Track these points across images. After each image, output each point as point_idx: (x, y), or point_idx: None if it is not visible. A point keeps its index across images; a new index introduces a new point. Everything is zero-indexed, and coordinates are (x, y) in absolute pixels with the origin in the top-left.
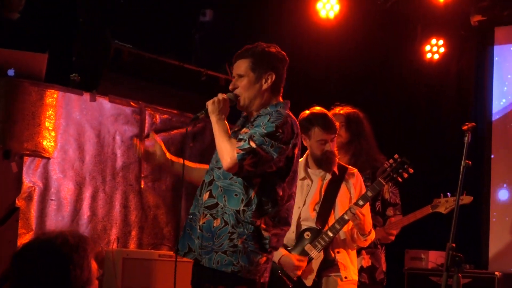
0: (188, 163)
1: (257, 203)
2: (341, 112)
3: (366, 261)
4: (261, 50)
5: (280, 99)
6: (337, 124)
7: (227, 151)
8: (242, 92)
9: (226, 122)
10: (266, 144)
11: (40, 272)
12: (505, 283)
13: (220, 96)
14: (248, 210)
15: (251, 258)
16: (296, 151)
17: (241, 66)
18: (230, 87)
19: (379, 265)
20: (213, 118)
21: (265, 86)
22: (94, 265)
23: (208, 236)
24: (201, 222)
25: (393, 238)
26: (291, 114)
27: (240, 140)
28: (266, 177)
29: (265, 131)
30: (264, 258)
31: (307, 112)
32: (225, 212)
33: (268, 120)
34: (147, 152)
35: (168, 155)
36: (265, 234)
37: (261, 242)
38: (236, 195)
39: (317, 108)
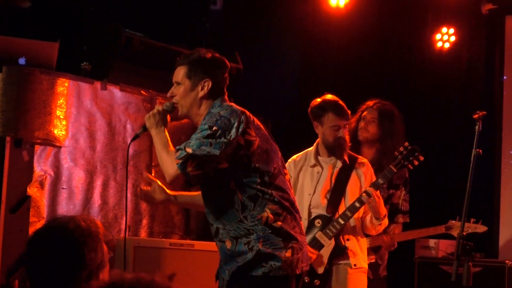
0: (190, 193)
1: (250, 203)
2: (374, 106)
3: (371, 258)
4: (197, 57)
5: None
6: (349, 112)
7: (167, 164)
8: (179, 100)
9: (167, 133)
10: (204, 145)
11: (56, 257)
12: None
13: (156, 109)
14: (248, 213)
15: (277, 255)
16: (252, 134)
17: (179, 74)
18: (168, 94)
19: (382, 262)
20: (152, 133)
21: (201, 93)
22: (105, 247)
23: (229, 259)
24: (222, 258)
25: (394, 248)
26: (230, 104)
27: (177, 150)
28: (235, 177)
29: (200, 135)
30: (290, 250)
31: (319, 99)
32: (229, 230)
33: (201, 125)
34: (146, 194)
35: (168, 191)
36: (277, 224)
37: (280, 234)
38: (228, 209)
39: (329, 96)
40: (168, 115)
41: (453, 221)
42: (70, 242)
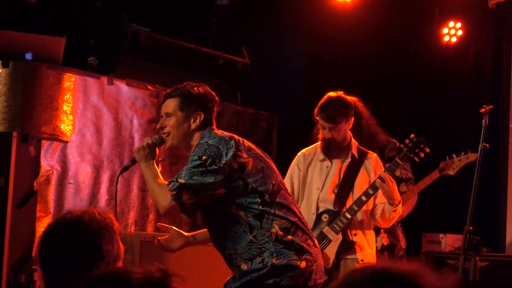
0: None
1: (256, 222)
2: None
3: (385, 239)
4: (189, 90)
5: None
6: (346, 112)
7: (160, 197)
8: (170, 131)
9: (156, 166)
10: (195, 175)
11: (73, 250)
12: None
13: (145, 142)
14: (257, 233)
15: (291, 265)
16: (244, 155)
17: (170, 105)
18: (158, 126)
19: (397, 242)
20: (142, 166)
21: (193, 125)
22: (119, 239)
23: (247, 279)
24: (237, 275)
25: (403, 213)
26: (217, 132)
27: (170, 182)
28: (235, 201)
29: (191, 165)
30: (304, 262)
31: (325, 96)
32: (242, 253)
33: (191, 157)
34: (164, 244)
35: (185, 233)
36: (288, 239)
37: (291, 249)
38: (236, 233)
39: (329, 94)
40: (157, 148)
41: (444, 162)
42: (88, 234)
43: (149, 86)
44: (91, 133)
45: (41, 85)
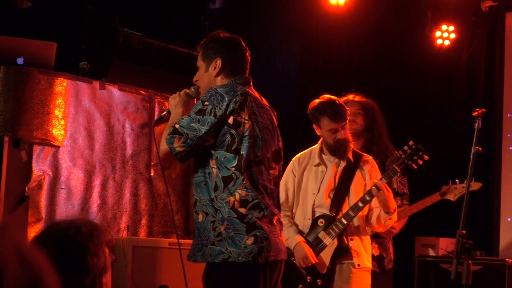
0: None
1: (222, 184)
2: (356, 99)
3: (375, 250)
4: (208, 39)
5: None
6: (349, 110)
7: (162, 140)
8: (198, 82)
9: (182, 115)
10: (193, 122)
11: (57, 263)
12: None
13: (182, 92)
14: (218, 195)
15: (237, 241)
16: (244, 116)
17: (198, 59)
18: (194, 80)
19: (386, 254)
20: (172, 112)
21: (214, 72)
22: (106, 251)
23: (196, 233)
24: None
25: (394, 230)
26: (237, 83)
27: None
28: (216, 154)
29: (193, 110)
30: (252, 238)
31: (317, 101)
32: (203, 204)
33: (199, 100)
34: None
35: None
36: (243, 211)
37: (243, 221)
38: (205, 184)
39: (326, 96)
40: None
41: (447, 186)
42: (72, 248)
43: (141, 91)
44: (83, 137)
45: (33, 90)
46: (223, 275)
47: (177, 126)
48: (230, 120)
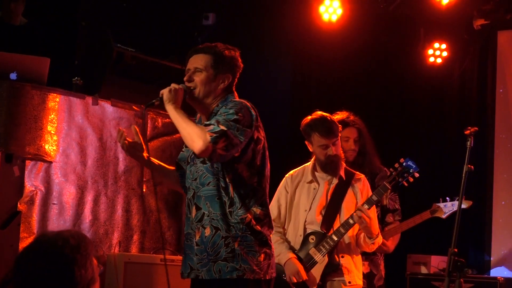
0: (165, 165)
1: (239, 200)
2: (356, 126)
3: (365, 268)
4: (223, 51)
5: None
6: (340, 127)
7: (198, 134)
8: (197, 86)
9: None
10: (232, 128)
11: (45, 275)
12: None
13: (176, 86)
14: (234, 210)
15: (251, 258)
16: (262, 133)
17: (201, 60)
18: (185, 78)
19: (377, 271)
20: (170, 106)
21: (221, 86)
22: (95, 261)
23: (202, 248)
24: (196, 239)
25: (386, 248)
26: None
27: (208, 125)
28: (236, 169)
29: (226, 117)
30: (263, 255)
31: (309, 117)
32: (212, 219)
33: (225, 108)
34: (129, 145)
35: (145, 151)
36: (258, 228)
37: (257, 238)
38: (218, 198)
39: (318, 113)
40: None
41: (437, 204)
42: (59, 260)
43: (134, 106)
44: (75, 153)
45: (26, 105)
46: None
47: (223, 127)
48: (255, 136)
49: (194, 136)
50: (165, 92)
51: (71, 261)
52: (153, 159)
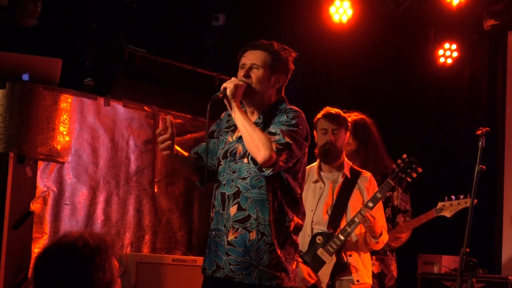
0: (186, 153)
1: (286, 208)
2: (348, 119)
3: (376, 267)
4: (282, 50)
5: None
6: (350, 124)
7: (264, 144)
8: (254, 82)
9: None
10: (295, 141)
11: (63, 276)
12: None
13: (238, 81)
14: (282, 216)
15: (288, 266)
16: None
17: (259, 57)
18: (243, 73)
19: (388, 271)
20: (234, 104)
21: (276, 86)
22: (115, 264)
23: (243, 251)
24: (230, 238)
25: (400, 242)
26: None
27: (273, 134)
28: (285, 178)
29: (289, 128)
30: (295, 263)
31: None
32: (260, 223)
33: (287, 117)
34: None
35: (177, 147)
36: (295, 238)
37: (292, 246)
38: (268, 204)
39: (329, 108)
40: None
41: (442, 202)
42: (77, 261)
43: (145, 107)
44: (87, 154)
45: (38, 106)
46: None
47: (288, 140)
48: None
49: (260, 145)
50: (229, 87)
51: (89, 263)
52: (177, 148)
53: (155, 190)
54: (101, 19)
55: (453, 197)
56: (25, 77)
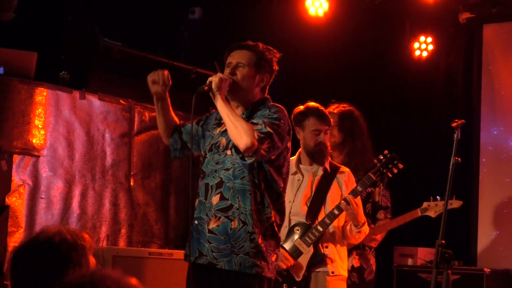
0: (173, 116)
1: (268, 199)
2: (335, 111)
3: (356, 262)
4: (267, 51)
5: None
6: (332, 120)
7: (246, 132)
8: (239, 80)
9: None
10: (276, 132)
11: (40, 271)
12: (494, 279)
13: (224, 76)
14: (264, 207)
15: (268, 256)
16: (289, 143)
17: (245, 56)
18: (229, 71)
19: (367, 266)
20: (218, 96)
21: (260, 84)
22: (92, 260)
23: (225, 238)
24: (211, 226)
25: (375, 243)
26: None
27: (255, 124)
28: (268, 170)
29: (270, 121)
30: (275, 256)
31: (302, 106)
32: (242, 213)
33: (270, 111)
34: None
35: (166, 92)
36: (276, 229)
37: (273, 238)
38: (250, 194)
39: (312, 103)
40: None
41: (427, 202)
42: (54, 257)
43: (121, 101)
44: (63, 147)
45: (13, 100)
46: (253, 287)
47: (269, 129)
48: (288, 144)
49: (243, 132)
50: (214, 81)
51: (66, 259)
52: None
53: (131, 184)
54: (77, 12)
55: (438, 197)
56: (0, 70)
